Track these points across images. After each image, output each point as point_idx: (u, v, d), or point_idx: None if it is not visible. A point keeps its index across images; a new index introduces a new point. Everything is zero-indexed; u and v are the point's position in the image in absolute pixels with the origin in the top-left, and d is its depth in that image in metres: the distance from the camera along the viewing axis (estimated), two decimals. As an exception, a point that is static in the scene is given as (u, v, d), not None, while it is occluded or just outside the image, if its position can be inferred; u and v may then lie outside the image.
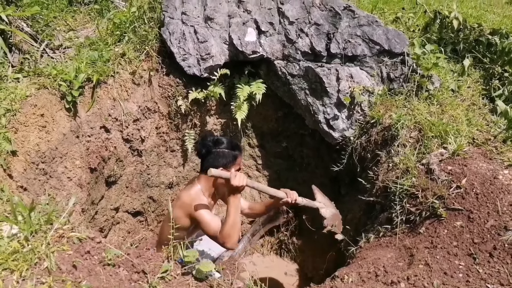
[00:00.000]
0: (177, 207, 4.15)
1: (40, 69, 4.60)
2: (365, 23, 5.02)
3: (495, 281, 2.97)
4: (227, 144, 4.14)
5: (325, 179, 5.81)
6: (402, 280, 3.13)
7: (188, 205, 4.09)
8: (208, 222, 4.02)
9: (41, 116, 4.32)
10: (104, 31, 5.35)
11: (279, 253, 6.45)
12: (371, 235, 4.12)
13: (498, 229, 3.25)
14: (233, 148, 4.18)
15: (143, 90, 5.25)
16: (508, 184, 3.53)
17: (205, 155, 4.12)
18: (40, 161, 4.21)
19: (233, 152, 4.16)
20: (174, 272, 2.89)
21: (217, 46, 5.10)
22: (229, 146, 4.14)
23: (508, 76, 4.97)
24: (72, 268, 2.65)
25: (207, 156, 4.11)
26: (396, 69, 4.91)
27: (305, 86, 5.08)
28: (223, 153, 4.10)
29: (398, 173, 4.09)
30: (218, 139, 4.15)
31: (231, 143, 4.19)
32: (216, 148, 4.09)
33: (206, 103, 5.47)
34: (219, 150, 4.09)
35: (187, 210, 4.09)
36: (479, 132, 4.34)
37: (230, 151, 4.13)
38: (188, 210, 4.08)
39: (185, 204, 4.12)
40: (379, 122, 4.68)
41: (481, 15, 6.42)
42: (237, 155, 4.21)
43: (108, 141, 5.08)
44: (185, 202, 4.12)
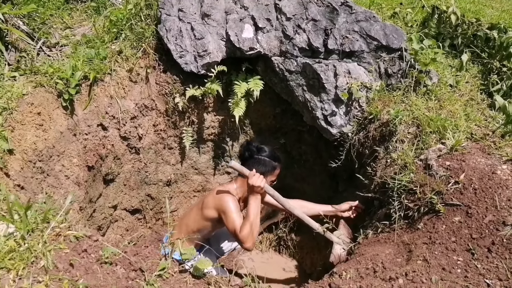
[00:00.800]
0: (210, 197, 4.33)
1: (36, 67, 4.58)
2: (362, 18, 5.00)
3: (493, 276, 2.96)
4: (270, 153, 4.36)
5: (323, 176, 5.81)
6: (401, 276, 3.13)
7: (219, 198, 4.22)
8: (234, 218, 4.11)
9: (38, 115, 4.31)
10: (101, 28, 5.34)
11: (277, 249, 6.46)
12: (369, 231, 4.12)
13: (497, 224, 3.24)
14: (275, 158, 4.41)
15: (140, 87, 5.24)
16: (507, 179, 3.52)
17: (247, 159, 4.33)
18: (37, 159, 4.20)
19: (273, 163, 4.40)
20: (171, 270, 2.89)
21: (214, 42, 5.09)
22: (271, 156, 4.36)
23: (506, 71, 4.95)
24: (69, 266, 2.65)
25: (248, 160, 4.31)
26: (394, 64, 4.90)
27: (303, 83, 5.07)
28: (264, 160, 4.32)
29: (396, 169, 4.08)
30: (262, 147, 4.36)
31: (274, 154, 4.40)
32: (259, 155, 4.30)
33: (204, 100, 5.46)
34: (260, 157, 4.31)
35: (218, 202, 4.23)
36: (478, 127, 4.33)
37: (271, 161, 4.35)
38: (218, 202, 4.22)
39: (217, 197, 4.26)
40: (377, 118, 4.67)
41: (479, 10, 6.41)
42: (276, 166, 4.46)
43: (106, 139, 5.07)
44: (218, 195, 4.26)
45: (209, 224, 4.34)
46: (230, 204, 4.16)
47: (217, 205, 4.22)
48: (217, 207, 4.23)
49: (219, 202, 4.20)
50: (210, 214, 4.27)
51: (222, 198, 4.21)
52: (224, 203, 4.17)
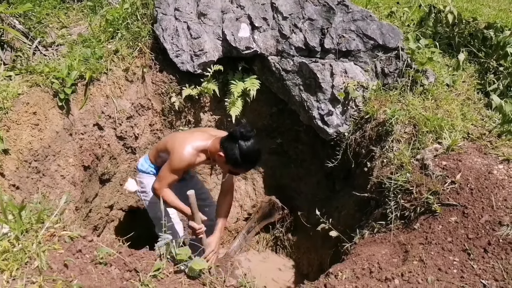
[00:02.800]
0: (178, 135, 4.22)
1: (32, 67, 4.57)
2: (359, 18, 4.99)
3: (489, 276, 2.95)
4: (247, 149, 3.78)
5: (320, 175, 5.80)
6: (397, 276, 3.12)
7: (181, 150, 4.00)
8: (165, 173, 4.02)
9: (34, 114, 4.30)
10: (97, 28, 5.33)
11: (274, 249, 6.45)
12: (365, 231, 4.11)
13: (493, 224, 3.23)
14: (245, 160, 3.85)
15: (136, 87, 5.23)
16: (503, 179, 3.52)
17: (229, 137, 3.83)
18: (32, 159, 4.19)
19: (239, 161, 3.84)
20: (166, 270, 2.88)
21: (211, 42, 5.08)
22: (245, 153, 3.79)
23: (503, 70, 4.95)
24: (63, 267, 2.64)
25: (229, 139, 3.83)
26: (391, 64, 4.90)
27: (299, 82, 5.06)
28: (234, 150, 3.79)
29: (393, 168, 4.07)
30: (249, 136, 3.76)
31: (250, 154, 3.82)
32: (238, 142, 3.77)
33: (200, 100, 5.44)
34: (236, 144, 3.77)
35: (177, 150, 4.02)
36: (474, 126, 4.33)
37: (239, 158, 3.80)
38: (178, 150, 4.02)
39: (181, 138, 4.11)
40: (373, 118, 4.67)
41: (476, 9, 6.42)
42: (239, 168, 4.01)
43: (102, 139, 5.06)
44: (184, 146, 4.01)
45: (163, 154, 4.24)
46: (179, 162, 3.98)
47: (175, 144, 4.07)
48: (172, 150, 4.06)
49: (178, 151, 4.00)
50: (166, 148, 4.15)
51: (182, 152, 3.97)
52: (178, 157, 3.99)
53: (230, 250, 6.16)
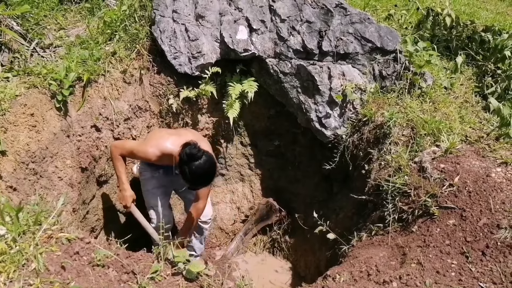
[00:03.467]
0: (159, 132, 4.74)
1: (30, 68, 4.55)
2: (357, 20, 4.99)
3: (487, 279, 2.96)
4: (199, 171, 4.03)
5: (317, 178, 5.79)
6: (395, 279, 3.12)
7: (157, 137, 4.48)
8: (136, 147, 4.42)
9: (31, 116, 4.28)
10: (95, 29, 5.31)
11: (271, 251, 6.44)
12: (363, 233, 4.11)
13: (491, 227, 3.24)
14: (192, 181, 4.13)
15: (134, 89, 5.21)
16: (501, 182, 3.52)
17: (180, 159, 4.07)
18: (30, 160, 4.16)
19: (196, 182, 4.19)
20: (164, 273, 2.87)
21: (208, 44, 5.07)
22: (192, 174, 4.04)
23: (500, 73, 4.96)
24: (61, 269, 2.63)
25: (180, 160, 4.07)
26: (389, 66, 4.90)
27: (297, 84, 5.06)
28: (189, 171, 4.03)
29: (391, 171, 4.07)
30: (194, 155, 3.99)
31: (202, 175, 4.08)
32: (185, 165, 4.03)
33: (198, 102, 5.44)
34: (185, 167, 4.04)
35: (152, 136, 4.56)
36: (472, 129, 4.34)
37: (194, 178, 4.09)
38: (152, 137, 4.55)
39: (157, 135, 4.53)
40: (371, 120, 4.67)
41: (474, 12, 6.43)
42: (195, 186, 4.33)
43: (99, 140, 5.04)
44: (159, 136, 4.50)
45: None
46: (142, 153, 4.36)
47: (146, 142, 4.47)
48: (146, 140, 4.57)
49: (146, 145, 4.37)
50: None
51: (147, 149, 4.33)
52: (143, 149, 4.36)
53: (228, 252, 6.15)
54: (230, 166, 6.22)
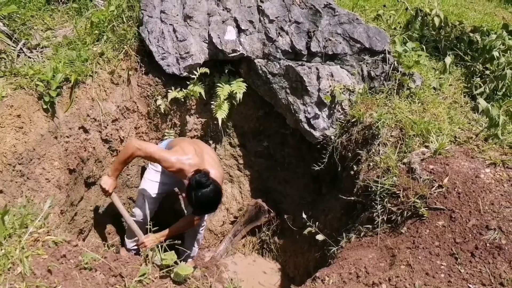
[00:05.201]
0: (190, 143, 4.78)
1: (16, 69, 4.50)
2: (345, 21, 4.99)
3: (476, 281, 2.95)
4: (199, 198, 4.15)
5: (306, 178, 5.79)
6: (384, 281, 3.11)
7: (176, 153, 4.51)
8: (161, 153, 4.47)
9: (18, 117, 4.23)
10: (83, 30, 5.27)
11: (260, 253, 6.42)
12: (352, 235, 4.10)
13: (480, 228, 3.23)
14: (197, 208, 4.30)
15: (122, 89, 5.18)
16: (490, 182, 3.52)
17: (189, 184, 4.19)
18: (17, 162, 4.12)
19: (200, 210, 4.37)
20: (152, 275, 2.84)
21: (197, 44, 5.05)
22: (197, 202, 4.19)
23: (489, 74, 4.97)
24: (47, 272, 2.60)
25: (188, 185, 4.19)
26: (377, 67, 4.90)
27: (286, 85, 5.05)
28: (190, 198, 4.20)
29: (379, 172, 4.06)
30: (202, 184, 4.11)
31: (206, 203, 4.23)
32: (193, 191, 4.15)
33: (186, 103, 5.41)
34: (192, 193, 4.16)
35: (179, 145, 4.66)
36: (461, 130, 4.34)
37: (199, 206, 4.24)
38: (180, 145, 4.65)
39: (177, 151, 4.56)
40: (359, 121, 4.66)
41: (462, 13, 6.46)
42: (198, 213, 4.56)
43: (87, 142, 5.00)
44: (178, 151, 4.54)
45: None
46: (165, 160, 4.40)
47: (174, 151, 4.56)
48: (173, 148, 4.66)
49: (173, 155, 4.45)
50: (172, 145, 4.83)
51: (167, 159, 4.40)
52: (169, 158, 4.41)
53: (216, 254, 6.13)
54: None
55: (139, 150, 4.35)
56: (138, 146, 4.36)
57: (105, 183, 4.58)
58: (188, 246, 5.39)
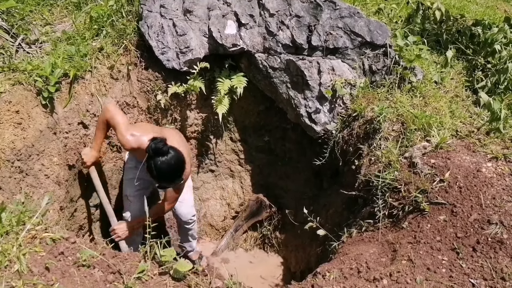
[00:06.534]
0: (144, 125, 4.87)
1: (15, 65, 4.47)
2: (346, 14, 4.96)
3: (478, 275, 2.94)
4: (164, 165, 3.91)
5: (307, 173, 5.77)
6: (385, 276, 3.09)
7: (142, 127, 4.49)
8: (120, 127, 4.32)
9: (16, 113, 4.21)
10: (82, 25, 5.25)
11: (262, 247, 6.43)
12: (353, 229, 4.08)
13: (482, 223, 3.22)
14: (164, 175, 3.99)
15: (121, 85, 5.16)
16: (491, 177, 3.51)
17: (147, 154, 3.95)
18: (15, 158, 4.10)
19: (162, 178, 4.04)
20: (151, 272, 2.83)
21: (197, 39, 5.02)
22: (162, 169, 3.92)
23: (491, 67, 4.95)
24: (45, 270, 2.59)
25: (147, 156, 3.95)
26: (378, 61, 4.87)
27: (287, 79, 5.02)
28: (154, 167, 3.92)
29: (381, 166, 4.05)
30: (160, 150, 3.88)
31: (167, 169, 3.94)
32: (151, 160, 3.92)
33: (186, 97, 5.39)
34: (150, 162, 3.93)
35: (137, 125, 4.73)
36: (463, 124, 4.32)
37: (159, 174, 3.96)
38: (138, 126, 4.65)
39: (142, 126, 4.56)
40: (361, 115, 4.64)
41: (463, 6, 6.41)
42: (162, 183, 4.17)
43: (87, 137, 4.98)
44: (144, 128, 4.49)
45: None
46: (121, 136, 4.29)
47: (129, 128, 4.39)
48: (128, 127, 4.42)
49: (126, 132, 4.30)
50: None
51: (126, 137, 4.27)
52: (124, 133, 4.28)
53: (218, 249, 6.14)
54: (220, 162, 6.19)
55: (108, 112, 4.27)
56: (110, 109, 4.28)
57: (85, 154, 4.56)
58: (184, 242, 5.40)
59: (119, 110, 4.50)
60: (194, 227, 5.45)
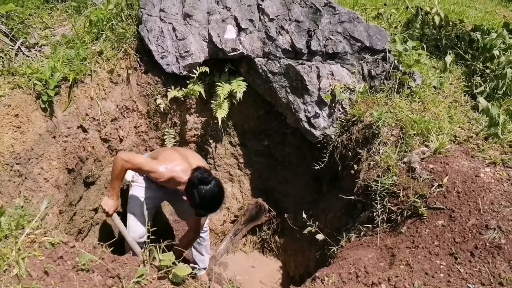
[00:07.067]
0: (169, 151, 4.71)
1: (14, 68, 4.48)
2: (346, 19, 4.97)
3: (476, 280, 2.94)
4: (203, 194, 4.02)
5: (307, 178, 5.78)
6: (383, 281, 3.10)
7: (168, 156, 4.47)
8: (148, 163, 4.34)
9: (16, 117, 4.22)
10: (81, 29, 5.26)
11: (261, 251, 6.42)
12: (352, 234, 4.08)
13: (480, 227, 3.22)
14: (201, 205, 4.11)
15: (121, 89, 5.17)
16: (490, 182, 3.51)
17: (190, 183, 4.07)
18: (14, 162, 4.10)
19: (196, 206, 4.14)
20: (150, 277, 2.83)
21: (196, 43, 5.03)
22: (201, 199, 4.04)
23: (489, 72, 4.96)
24: (44, 274, 2.59)
25: (190, 185, 4.06)
26: (378, 66, 4.88)
27: (286, 84, 5.03)
28: (193, 196, 4.06)
29: (379, 171, 4.05)
30: (207, 180, 4.02)
31: (211, 199, 4.07)
32: (196, 188, 4.02)
33: (186, 102, 5.40)
34: (194, 190, 4.03)
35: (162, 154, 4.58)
36: (461, 129, 4.32)
37: (204, 203, 4.07)
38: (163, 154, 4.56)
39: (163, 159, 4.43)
40: (360, 120, 4.65)
41: (462, 11, 6.44)
42: (204, 212, 4.33)
43: (86, 141, 4.99)
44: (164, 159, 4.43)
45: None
46: (153, 171, 4.26)
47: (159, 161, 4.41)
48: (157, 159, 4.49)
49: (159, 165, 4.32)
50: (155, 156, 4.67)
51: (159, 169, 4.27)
52: (156, 167, 4.29)
53: (217, 253, 6.13)
54: (219, 166, 6.19)
55: (127, 162, 4.23)
56: (125, 158, 4.23)
57: (106, 204, 4.44)
58: (197, 258, 5.35)
59: (132, 154, 4.63)
60: (207, 237, 5.39)
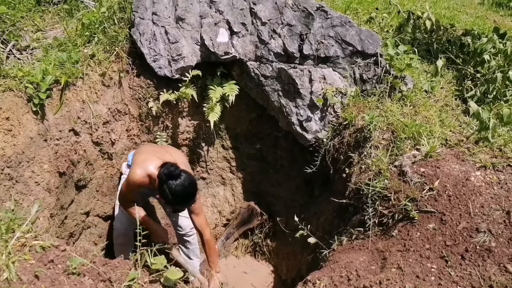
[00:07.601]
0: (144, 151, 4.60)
1: (5, 71, 4.46)
2: (338, 23, 4.99)
3: (466, 283, 2.95)
4: (180, 188, 3.92)
5: (299, 181, 5.78)
6: (375, 284, 3.10)
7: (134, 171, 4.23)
8: (127, 183, 4.29)
9: (6, 120, 4.21)
10: (73, 31, 5.25)
11: (253, 255, 6.42)
12: (344, 237, 4.09)
13: (470, 231, 3.24)
14: (181, 198, 4.00)
15: (113, 92, 5.16)
16: (480, 185, 3.53)
17: (159, 180, 3.97)
18: (5, 165, 4.09)
19: (178, 202, 4.05)
20: (141, 280, 2.82)
21: (189, 47, 5.04)
22: (178, 192, 3.93)
23: (480, 77, 4.99)
24: (34, 278, 2.57)
25: (160, 182, 3.97)
26: (369, 70, 4.90)
27: (278, 88, 5.04)
28: (164, 192, 3.95)
29: (371, 175, 4.06)
30: (176, 175, 3.91)
31: (183, 192, 3.95)
32: (164, 184, 3.92)
33: (178, 105, 5.40)
34: (164, 186, 3.93)
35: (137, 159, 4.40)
36: (452, 133, 4.34)
37: (176, 198, 3.97)
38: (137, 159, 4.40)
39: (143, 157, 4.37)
40: (351, 124, 4.66)
41: (453, 16, 6.47)
42: (178, 206, 4.25)
43: (78, 144, 4.98)
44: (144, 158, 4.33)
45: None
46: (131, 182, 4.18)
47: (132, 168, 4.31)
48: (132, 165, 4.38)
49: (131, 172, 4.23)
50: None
51: (133, 174, 4.18)
52: (129, 178, 4.21)
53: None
54: (211, 170, 6.19)
55: (122, 202, 4.42)
56: (120, 204, 4.49)
57: (157, 237, 4.36)
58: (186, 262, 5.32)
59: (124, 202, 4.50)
60: (194, 240, 5.32)
